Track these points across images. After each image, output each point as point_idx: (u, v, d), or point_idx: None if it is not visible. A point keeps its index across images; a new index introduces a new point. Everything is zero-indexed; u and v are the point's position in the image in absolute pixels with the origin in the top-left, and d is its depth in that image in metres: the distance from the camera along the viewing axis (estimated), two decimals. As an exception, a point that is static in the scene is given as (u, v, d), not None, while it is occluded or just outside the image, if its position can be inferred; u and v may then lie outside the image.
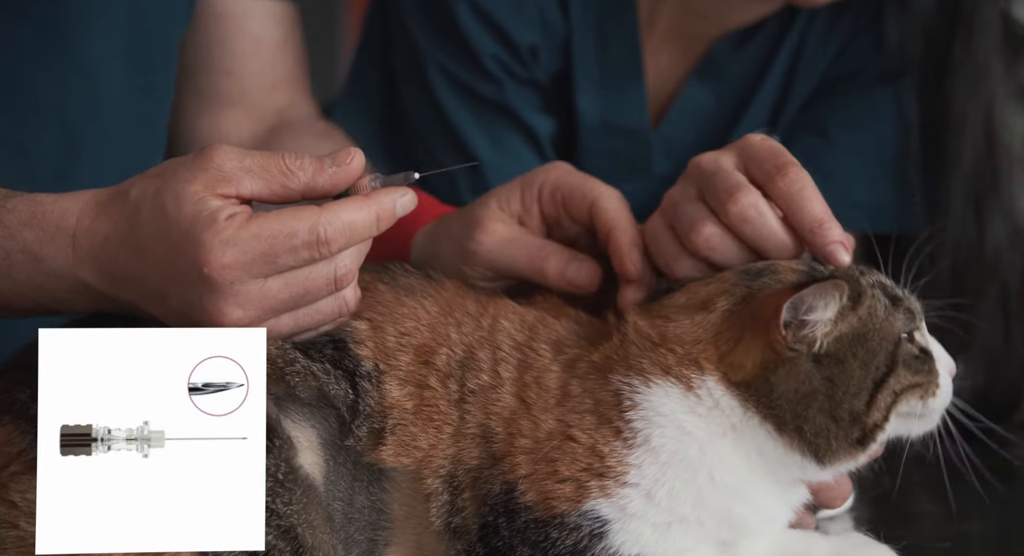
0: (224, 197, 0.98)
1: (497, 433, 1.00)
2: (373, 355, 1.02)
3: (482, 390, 1.02)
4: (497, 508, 0.99)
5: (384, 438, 1.00)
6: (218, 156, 0.98)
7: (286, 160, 0.99)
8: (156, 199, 0.98)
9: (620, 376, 1.01)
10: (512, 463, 1.00)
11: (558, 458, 0.99)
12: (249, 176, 0.98)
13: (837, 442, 1.00)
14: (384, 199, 1.00)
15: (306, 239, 0.97)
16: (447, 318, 1.04)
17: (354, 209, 0.99)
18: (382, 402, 1.01)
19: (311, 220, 0.97)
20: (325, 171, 1.00)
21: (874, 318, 1.01)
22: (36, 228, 1.01)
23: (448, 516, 1.00)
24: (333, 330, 1.02)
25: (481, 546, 0.99)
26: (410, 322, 1.04)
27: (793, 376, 0.99)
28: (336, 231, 0.98)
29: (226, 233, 0.96)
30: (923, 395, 1.02)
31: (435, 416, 1.01)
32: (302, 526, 0.97)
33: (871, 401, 1.00)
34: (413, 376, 1.02)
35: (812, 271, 1.03)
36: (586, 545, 0.98)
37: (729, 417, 1.00)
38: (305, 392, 1.00)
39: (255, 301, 0.98)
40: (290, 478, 0.97)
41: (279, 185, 0.99)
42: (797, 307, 0.98)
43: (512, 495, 0.99)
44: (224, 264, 0.96)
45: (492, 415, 1.01)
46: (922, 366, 1.02)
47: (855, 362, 1.00)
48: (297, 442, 0.99)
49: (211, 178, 0.98)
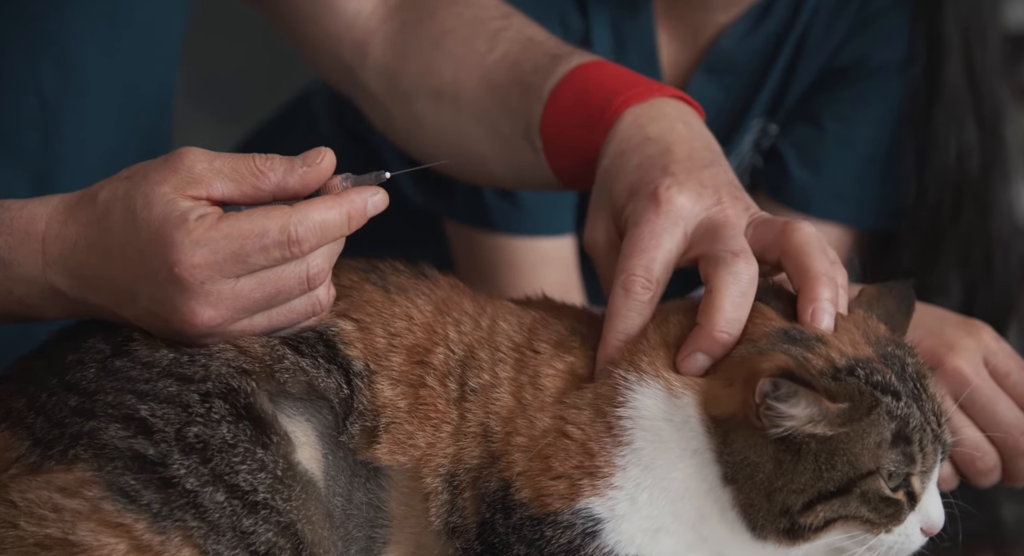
0: (195, 199, 0.98)
1: (496, 432, 1.00)
2: (363, 355, 1.02)
3: (483, 389, 1.02)
4: (494, 505, 0.99)
5: (378, 436, 1.00)
6: (188, 158, 0.98)
7: (256, 161, 0.99)
8: (126, 200, 0.98)
9: (622, 370, 1.01)
10: (508, 460, 0.99)
11: (552, 454, 0.99)
12: (220, 178, 0.98)
13: (765, 521, 0.98)
14: (355, 198, 0.99)
15: (277, 238, 0.97)
16: (443, 317, 1.04)
17: (325, 208, 0.98)
18: (374, 401, 1.01)
19: (282, 220, 0.97)
20: (296, 171, 0.99)
21: (855, 442, 0.97)
22: (4, 234, 1.01)
23: (448, 515, 1.00)
24: (321, 330, 1.02)
25: (479, 543, 0.99)
26: (401, 322, 1.03)
27: (749, 441, 0.97)
28: (307, 231, 0.97)
29: (196, 233, 0.96)
30: (872, 530, 0.98)
31: (432, 414, 1.01)
32: (302, 522, 0.97)
33: (809, 507, 0.97)
34: (406, 376, 1.01)
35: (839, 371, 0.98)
36: (580, 544, 0.98)
37: (692, 440, 0.99)
38: (295, 387, 1.00)
39: (227, 301, 0.98)
40: (289, 474, 0.97)
41: (250, 186, 0.99)
42: (777, 388, 0.95)
43: (508, 492, 0.99)
44: (195, 264, 0.96)
45: (492, 414, 1.01)
46: (885, 509, 0.98)
47: (810, 464, 0.97)
48: (294, 437, 0.99)
49: (181, 180, 0.98)
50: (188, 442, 0.96)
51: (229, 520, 0.96)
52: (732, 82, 1.60)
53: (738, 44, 1.58)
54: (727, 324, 1.01)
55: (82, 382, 0.99)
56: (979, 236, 1.56)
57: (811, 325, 1.01)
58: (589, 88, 1.18)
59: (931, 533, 1.00)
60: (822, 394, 0.95)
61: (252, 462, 0.97)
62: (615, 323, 1.03)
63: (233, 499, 0.96)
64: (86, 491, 0.95)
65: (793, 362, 0.97)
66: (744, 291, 1.02)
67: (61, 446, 0.97)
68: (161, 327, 0.99)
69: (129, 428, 0.97)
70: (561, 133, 1.19)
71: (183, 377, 0.98)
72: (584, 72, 1.20)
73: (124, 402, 0.97)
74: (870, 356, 0.99)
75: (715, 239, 1.04)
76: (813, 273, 1.02)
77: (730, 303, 1.01)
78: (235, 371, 0.99)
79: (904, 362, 1.00)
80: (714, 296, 1.02)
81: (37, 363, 1.03)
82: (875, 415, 0.97)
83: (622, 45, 1.58)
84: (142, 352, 1.00)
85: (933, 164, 1.54)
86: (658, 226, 1.05)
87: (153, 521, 0.95)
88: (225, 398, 0.98)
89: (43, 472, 0.96)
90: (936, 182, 1.55)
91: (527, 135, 1.21)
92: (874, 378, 0.98)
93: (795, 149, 1.58)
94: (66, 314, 1.04)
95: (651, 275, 1.04)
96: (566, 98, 1.19)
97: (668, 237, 1.05)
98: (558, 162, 1.20)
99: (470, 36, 1.29)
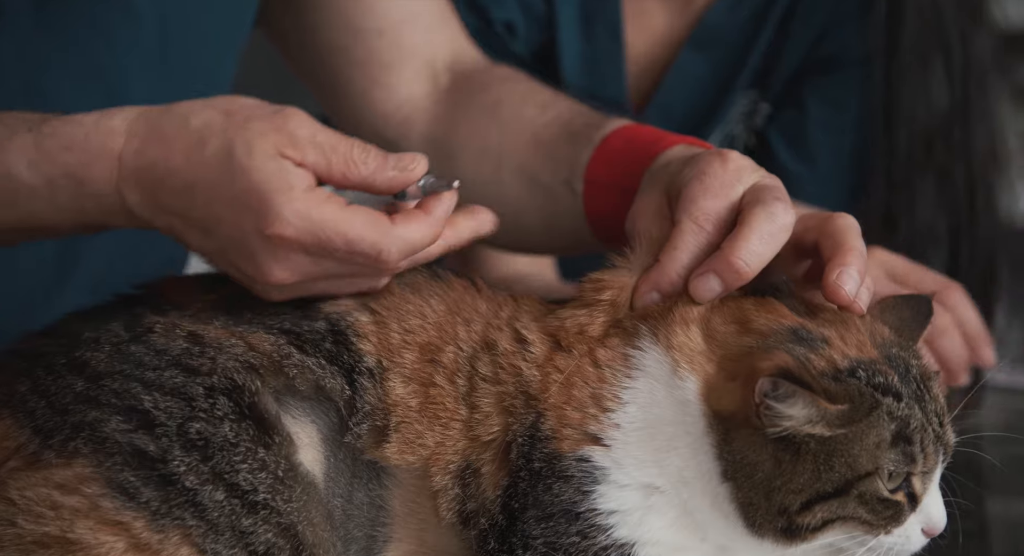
0: (293, 162, 0.97)
1: (532, 381, 1.00)
2: (376, 351, 1.01)
3: (507, 354, 1.01)
4: (523, 445, 0.99)
5: (388, 436, 0.99)
6: (294, 120, 0.98)
7: (354, 152, 0.99)
8: (224, 140, 0.97)
9: (648, 326, 1.01)
10: (545, 396, 1.00)
11: (577, 382, 0.99)
12: (315, 150, 0.98)
13: (763, 520, 0.98)
14: (442, 215, 1.00)
15: (366, 251, 0.97)
16: (454, 317, 1.04)
17: (419, 230, 0.99)
18: (385, 399, 1.00)
19: (378, 239, 0.97)
20: (386, 172, 0.99)
21: (853, 443, 0.96)
22: (78, 150, 0.99)
23: (461, 505, 1.00)
24: (335, 319, 1.01)
25: (502, 513, 0.99)
26: (415, 320, 1.03)
27: (749, 440, 0.97)
28: (398, 253, 0.98)
29: (296, 204, 0.96)
30: (871, 531, 0.98)
31: (442, 413, 1.00)
32: (302, 524, 0.96)
33: (807, 507, 0.97)
34: (418, 374, 1.01)
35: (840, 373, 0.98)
36: (579, 500, 0.98)
37: (691, 426, 0.99)
38: (304, 385, 0.99)
39: (299, 269, 0.98)
40: (290, 475, 0.97)
41: (339, 172, 0.98)
42: (776, 387, 0.95)
43: (538, 422, 0.99)
44: (285, 234, 0.96)
45: (521, 370, 1.00)
46: (884, 510, 0.97)
47: (809, 464, 0.96)
48: (297, 438, 0.98)
49: (282, 139, 0.97)
50: (189, 438, 0.96)
51: (228, 519, 0.95)
52: (719, 55, 1.61)
53: (725, 16, 1.59)
54: (749, 255, 1.00)
55: (92, 362, 0.98)
56: (957, 179, 1.57)
57: (833, 287, 1.00)
58: (641, 133, 1.20)
59: (932, 534, 1.00)
60: (821, 395, 0.95)
61: (253, 461, 0.96)
62: (678, 255, 1.02)
63: (233, 498, 0.95)
64: (85, 488, 0.94)
65: (794, 362, 0.96)
66: (775, 232, 1.01)
67: (62, 436, 0.96)
68: (225, 266, 1.00)
69: (131, 421, 0.96)
70: (608, 170, 1.19)
71: (190, 368, 0.97)
72: (637, 126, 1.22)
73: (129, 391, 0.97)
74: (874, 357, 0.99)
75: (761, 190, 1.04)
76: (848, 246, 1.02)
77: (758, 238, 1.01)
78: (242, 366, 0.98)
79: (908, 363, 1.00)
80: (743, 228, 1.01)
81: (48, 341, 1.01)
82: (875, 416, 0.97)
83: (590, 21, 1.58)
84: (158, 342, 0.99)
85: (901, 110, 1.55)
86: (726, 178, 1.05)
87: (152, 519, 0.94)
88: (229, 395, 0.97)
89: (42, 468, 0.95)
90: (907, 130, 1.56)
91: (568, 180, 1.23)
92: (876, 379, 0.98)
93: (783, 134, 1.59)
94: (131, 226, 1.03)
95: (721, 219, 1.04)
96: (617, 142, 1.20)
97: (732, 191, 1.05)
98: (596, 201, 1.21)
99: (520, 104, 1.32)
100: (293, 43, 1.43)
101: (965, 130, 1.57)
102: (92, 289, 1.07)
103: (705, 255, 1.03)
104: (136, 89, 1.26)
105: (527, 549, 0.98)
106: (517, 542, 0.98)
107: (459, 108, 1.36)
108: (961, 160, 1.57)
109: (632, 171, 1.15)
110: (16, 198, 1.00)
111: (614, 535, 0.98)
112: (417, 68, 1.41)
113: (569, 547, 0.98)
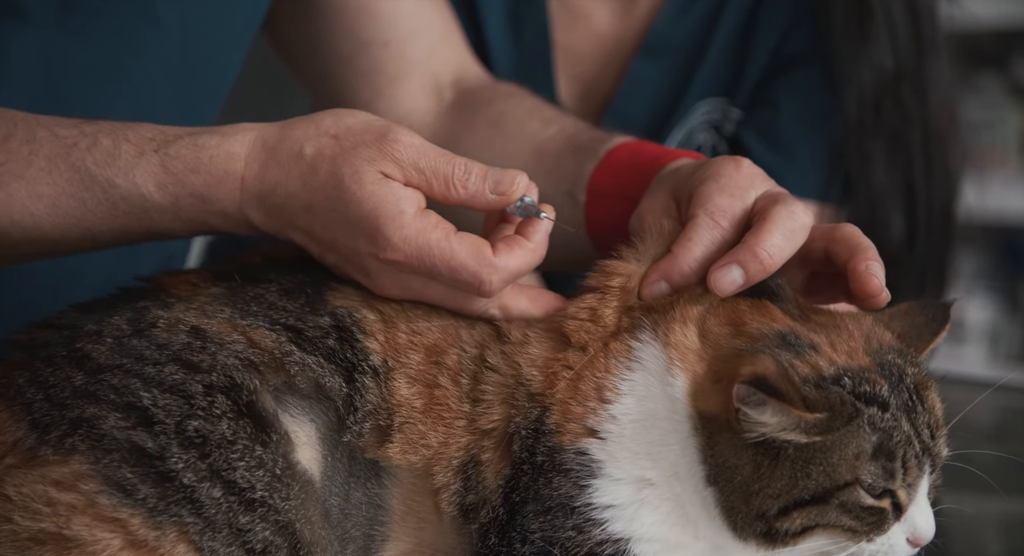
0: (401, 184, 1.01)
1: (532, 380, 1.00)
2: (383, 349, 1.01)
3: (519, 343, 1.02)
4: (527, 439, 0.99)
5: (391, 436, 0.99)
6: (400, 144, 1.02)
7: (456, 173, 1.02)
8: (333, 166, 1.01)
9: (650, 320, 1.02)
10: (552, 390, 1.00)
11: (585, 375, 1.00)
12: (418, 172, 1.02)
13: (744, 524, 0.98)
14: (541, 242, 1.04)
15: (468, 279, 1.01)
16: (458, 320, 1.04)
17: (520, 259, 1.02)
18: (389, 399, 1.00)
19: (478, 270, 1.01)
20: (485, 196, 1.03)
21: (832, 451, 0.96)
22: (203, 173, 1.03)
23: (462, 498, 1.00)
24: (342, 314, 1.02)
25: (503, 506, 0.99)
26: (422, 321, 1.03)
27: (731, 443, 0.97)
28: (499, 282, 1.01)
29: (406, 231, 1.00)
30: (853, 538, 0.97)
31: (446, 414, 1.00)
32: (300, 522, 0.96)
33: (785, 512, 0.96)
34: (423, 375, 1.01)
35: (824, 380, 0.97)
36: (575, 495, 0.98)
37: (680, 424, 0.99)
38: (304, 382, 0.99)
39: (410, 286, 1.03)
40: (287, 474, 0.97)
41: (439, 192, 1.02)
42: (750, 394, 0.95)
43: (543, 416, 1.00)
44: (394, 259, 1.01)
45: (522, 367, 1.01)
46: (868, 517, 0.97)
47: (787, 470, 0.96)
48: (295, 437, 0.98)
49: (386, 162, 1.01)
50: (188, 436, 0.95)
51: (225, 517, 0.95)
52: (670, 63, 1.61)
53: (672, 25, 1.60)
54: (773, 248, 1.02)
55: (93, 354, 0.98)
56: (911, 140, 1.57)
57: (865, 275, 1.01)
58: (646, 147, 1.21)
59: (919, 544, 0.99)
60: (797, 403, 0.94)
61: (250, 459, 0.96)
62: (692, 247, 1.04)
63: (230, 495, 0.95)
64: (82, 485, 0.94)
65: (775, 368, 0.96)
66: (796, 230, 1.03)
67: (59, 432, 0.96)
68: (346, 275, 1.04)
69: (129, 418, 0.96)
70: (613, 180, 1.21)
71: (190, 364, 0.98)
72: (642, 142, 1.24)
73: (129, 387, 0.97)
74: (864, 365, 0.98)
75: (776, 194, 1.06)
76: (864, 245, 1.04)
77: (780, 232, 1.02)
78: (241, 364, 0.98)
79: (903, 372, 0.99)
80: (766, 222, 1.03)
81: (48, 332, 1.01)
82: (855, 426, 0.95)
83: (518, 25, 1.59)
84: (160, 336, 0.99)
85: (847, 75, 1.55)
86: (740, 180, 1.06)
87: (149, 516, 0.94)
88: (227, 394, 0.97)
89: (39, 464, 0.95)
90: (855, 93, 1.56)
91: (571, 191, 1.24)
92: (861, 388, 0.97)
93: (757, 132, 1.60)
94: (255, 235, 1.07)
95: (736, 217, 1.05)
96: (622, 154, 1.22)
97: (746, 194, 1.06)
98: (597, 210, 1.22)
99: (525, 118, 1.34)
100: (298, 52, 1.44)
101: (917, 91, 1.57)
102: (98, 287, 1.07)
103: (718, 251, 1.04)
104: (159, 93, 1.27)
105: (525, 543, 0.98)
106: (516, 536, 0.98)
107: (463, 121, 1.37)
108: (914, 121, 1.57)
109: (636, 182, 1.17)
110: (145, 213, 1.05)
111: (609, 529, 0.98)
112: (421, 81, 1.43)
113: (565, 541, 0.98)
